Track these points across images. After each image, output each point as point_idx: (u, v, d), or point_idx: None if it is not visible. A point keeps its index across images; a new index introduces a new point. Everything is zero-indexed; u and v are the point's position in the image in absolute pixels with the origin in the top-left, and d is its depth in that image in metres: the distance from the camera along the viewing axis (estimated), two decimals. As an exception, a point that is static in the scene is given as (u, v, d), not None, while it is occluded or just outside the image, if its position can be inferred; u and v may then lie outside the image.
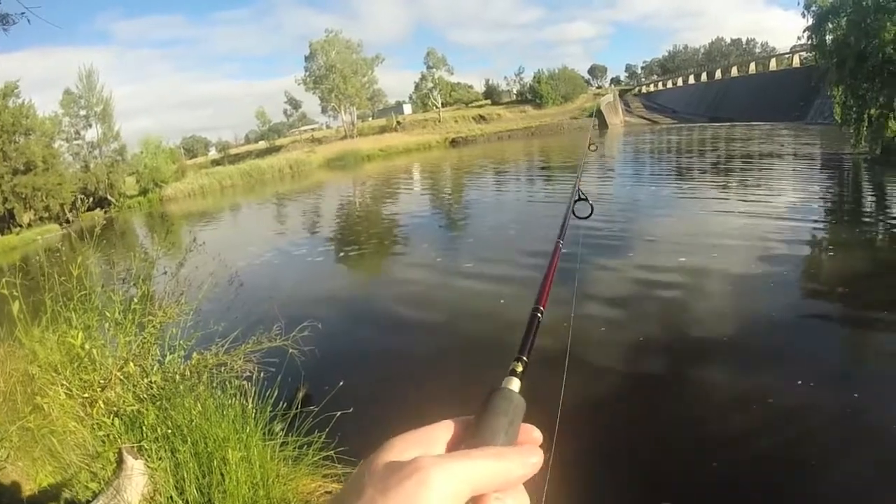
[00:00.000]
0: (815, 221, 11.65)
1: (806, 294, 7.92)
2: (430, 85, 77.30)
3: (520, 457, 0.41)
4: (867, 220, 12.05)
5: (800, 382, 5.12)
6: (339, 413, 3.67)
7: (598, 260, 9.86)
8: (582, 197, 0.99)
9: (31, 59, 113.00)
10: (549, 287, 0.66)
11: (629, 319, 7.39)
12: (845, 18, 19.74)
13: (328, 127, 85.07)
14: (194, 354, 4.26)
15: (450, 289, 9.38)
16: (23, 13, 8.41)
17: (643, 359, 6.18)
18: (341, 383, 4.01)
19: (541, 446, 0.45)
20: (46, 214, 40.18)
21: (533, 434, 0.46)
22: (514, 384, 0.48)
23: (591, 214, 0.99)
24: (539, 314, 0.60)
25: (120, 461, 3.46)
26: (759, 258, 9.08)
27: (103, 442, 3.87)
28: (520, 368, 0.50)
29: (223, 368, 4.20)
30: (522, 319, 0.58)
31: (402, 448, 0.41)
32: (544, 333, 0.58)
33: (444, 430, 0.45)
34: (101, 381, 4.21)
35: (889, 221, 11.74)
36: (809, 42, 22.75)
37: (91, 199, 44.90)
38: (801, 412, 4.72)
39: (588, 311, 7.70)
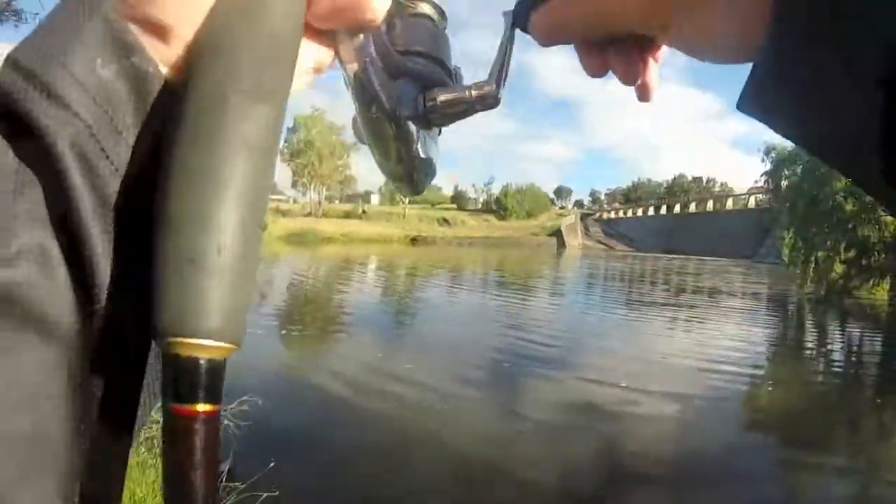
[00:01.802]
0: (758, 357, 11.84)
1: (744, 428, 7.98)
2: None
3: None
4: (808, 358, 12.33)
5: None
6: (264, 494, 3.55)
7: (535, 375, 9.89)
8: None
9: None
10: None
11: (563, 439, 7.34)
12: (801, 166, 21.13)
13: (295, 201, 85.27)
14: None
15: (386, 390, 9.23)
16: (37, 14, 8.44)
17: (573, 479, 6.12)
18: (272, 463, 3.90)
19: None
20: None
21: None
22: None
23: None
24: None
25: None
26: (700, 389, 9.16)
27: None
28: None
29: (154, 426, 4.05)
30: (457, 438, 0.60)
31: None
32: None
33: None
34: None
35: (829, 361, 12.05)
36: (766, 185, 24.06)
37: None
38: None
39: (521, 424, 7.67)
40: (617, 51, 0.36)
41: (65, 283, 0.24)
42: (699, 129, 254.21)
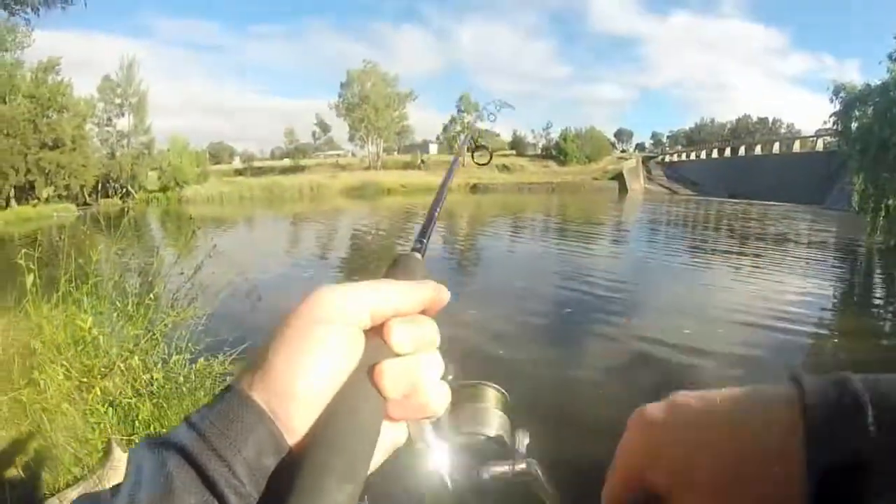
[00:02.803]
0: (824, 307, 11.59)
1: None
2: (459, 128, 78.03)
3: (410, 287, 0.45)
4: (875, 309, 12.01)
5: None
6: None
7: (601, 319, 9.86)
8: (481, 145, 1.08)
9: (71, 41, 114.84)
10: (444, 196, 0.78)
11: (622, 385, 7.33)
12: (872, 107, 20.03)
13: (353, 155, 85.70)
14: (200, 359, 4.25)
15: (451, 337, 9.31)
16: None
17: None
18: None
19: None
20: (66, 193, 40.42)
21: (438, 286, 0.48)
22: (417, 254, 0.55)
23: (489, 161, 1.07)
24: (437, 212, 0.71)
25: (107, 451, 3.44)
26: (764, 339, 9.02)
27: (93, 429, 3.85)
28: (419, 246, 0.57)
29: (228, 378, 4.18)
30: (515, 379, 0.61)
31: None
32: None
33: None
34: (103, 369, 4.21)
35: (896, 313, 11.73)
36: (834, 127, 22.99)
37: (112, 187, 45.29)
38: None
39: (583, 368, 7.68)
40: None
41: None
42: (762, 66, 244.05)
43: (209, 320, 4.83)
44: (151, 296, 4.63)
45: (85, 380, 4.12)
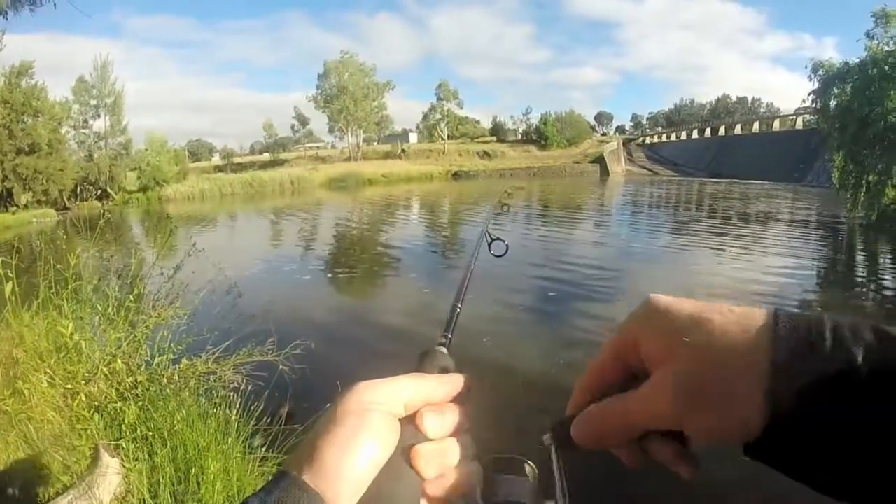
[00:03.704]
0: (807, 284, 11.73)
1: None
2: (439, 116, 77.90)
3: (438, 380, 0.52)
4: (858, 286, 12.17)
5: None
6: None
7: (584, 301, 9.94)
8: (495, 238, 1.10)
9: (42, 43, 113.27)
10: (466, 289, 0.81)
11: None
12: (850, 85, 20.26)
13: (333, 147, 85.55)
14: (183, 359, 4.24)
15: (433, 323, 9.33)
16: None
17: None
18: (328, 405, 3.99)
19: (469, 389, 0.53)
20: (45, 198, 39.88)
21: (464, 377, 0.54)
22: (443, 349, 0.60)
23: (506, 252, 1.06)
24: (459, 307, 0.74)
25: (95, 457, 3.42)
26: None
27: (80, 435, 3.82)
28: (444, 342, 0.62)
29: (211, 377, 4.19)
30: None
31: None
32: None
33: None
34: (86, 374, 4.18)
35: (880, 288, 11.85)
36: (814, 105, 23.23)
37: (91, 190, 44.84)
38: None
39: (571, 353, 7.73)
40: (651, 441, 0.46)
41: None
42: (740, 46, 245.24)
43: (191, 320, 4.81)
44: (131, 298, 4.61)
45: (69, 386, 4.09)
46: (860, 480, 0.36)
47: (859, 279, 12.96)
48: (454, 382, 0.52)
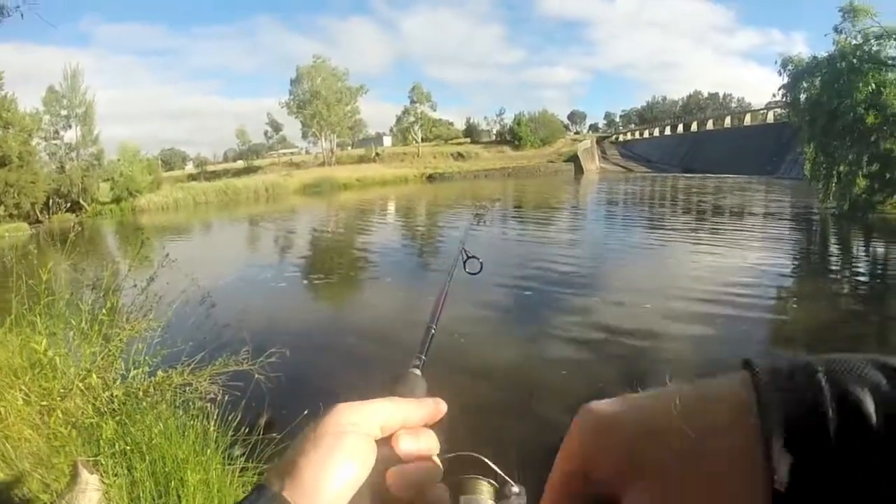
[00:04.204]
0: (782, 273, 11.91)
1: (769, 345, 8.06)
2: (413, 119, 77.79)
3: (414, 404, 0.55)
4: (832, 274, 12.40)
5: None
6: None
7: (565, 299, 10.00)
8: (470, 255, 1.08)
9: (10, 54, 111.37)
10: (441, 309, 0.84)
11: (590, 361, 7.45)
12: (819, 78, 20.67)
13: (307, 152, 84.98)
14: (159, 372, 4.22)
15: (409, 322, 9.33)
16: (18, 7, 8.37)
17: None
18: (305, 412, 3.99)
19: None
20: (16, 212, 39.06)
21: (437, 401, 0.57)
22: (417, 371, 0.64)
23: (480, 270, 1.07)
24: (433, 328, 0.77)
25: (74, 474, 3.40)
26: (726, 308, 9.22)
27: (58, 452, 3.79)
28: (418, 363, 0.65)
29: (187, 388, 4.16)
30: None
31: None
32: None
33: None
34: (62, 391, 4.15)
35: (853, 275, 12.08)
36: (784, 99, 23.59)
37: (63, 202, 44.19)
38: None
39: (553, 350, 7.78)
40: None
41: None
42: (711, 43, 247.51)
43: (165, 331, 4.78)
44: (105, 311, 4.58)
45: (45, 403, 4.06)
46: None
47: (833, 267, 13.20)
48: (429, 407, 0.55)
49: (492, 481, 0.64)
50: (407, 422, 0.52)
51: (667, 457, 0.34)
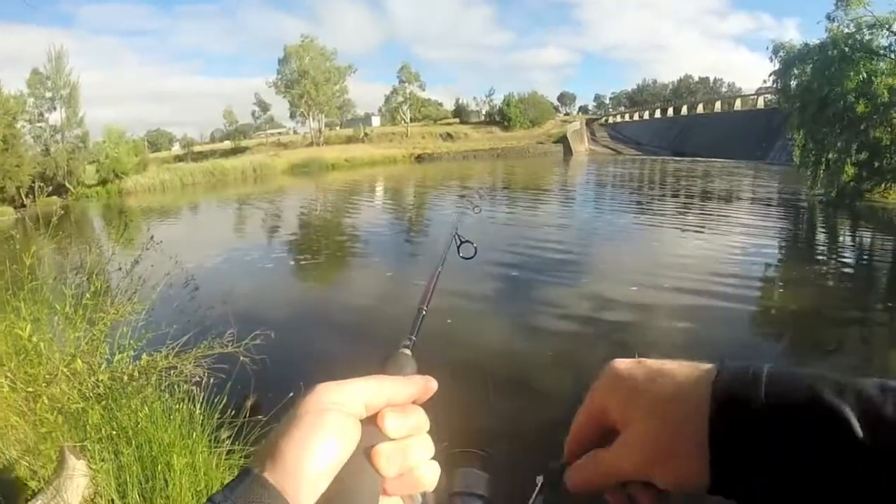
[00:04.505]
0: (769, 259, 12.01)
1: (756, 328, 8.14)
2: (401, 99, 77.48)
3: (400, 381, 0.53)
4: (819, 259, 12.49)
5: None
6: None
7: (553, 281, 10.02)
8: (464, 240, 1.09)
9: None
10: (432, 292, 0.84)
11: (580, 343, 7.49)
12: (811, 65, 20.71)
13: (295, 132, 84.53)
14: (144, 355, 4.20)
15: (397, 304, 9.34)
16: None
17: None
18: (291, 394, 3.99)
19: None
20: (1, 196, 38.75)
21: (427, 379, 0.56)
22: (407, 351, 0.62)
23: (475, 255, 1.09)
24: (424, 310, 0.77)
25: (61, 460, 3.39)
26: (712, 292, 9.28)
27: (45, 439, 3.78)
28: (409, 343, 0.64)
29: (173, 372, 4.14)
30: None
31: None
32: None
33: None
34: (47, 376, 4.13)
35: (839, 261, 12.17)
36: (774, 85, 23.64)
37: (49, 185, 43.78)
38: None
39: (542, 332, 7.82)
40: (633, 486, 0.51)
41: None
42: (702, 27, 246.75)
43: (149, 315, 4.76)
44: (89, 295, 4.55)
45: (31, 389, 4.04)
46: None
47: (819, 253, 13.28)
48: (416, 384, 0.54)
49: (487, 451, 0.66)
50: (393, 399, 0.51)
51: (653, 402, 0.49)
